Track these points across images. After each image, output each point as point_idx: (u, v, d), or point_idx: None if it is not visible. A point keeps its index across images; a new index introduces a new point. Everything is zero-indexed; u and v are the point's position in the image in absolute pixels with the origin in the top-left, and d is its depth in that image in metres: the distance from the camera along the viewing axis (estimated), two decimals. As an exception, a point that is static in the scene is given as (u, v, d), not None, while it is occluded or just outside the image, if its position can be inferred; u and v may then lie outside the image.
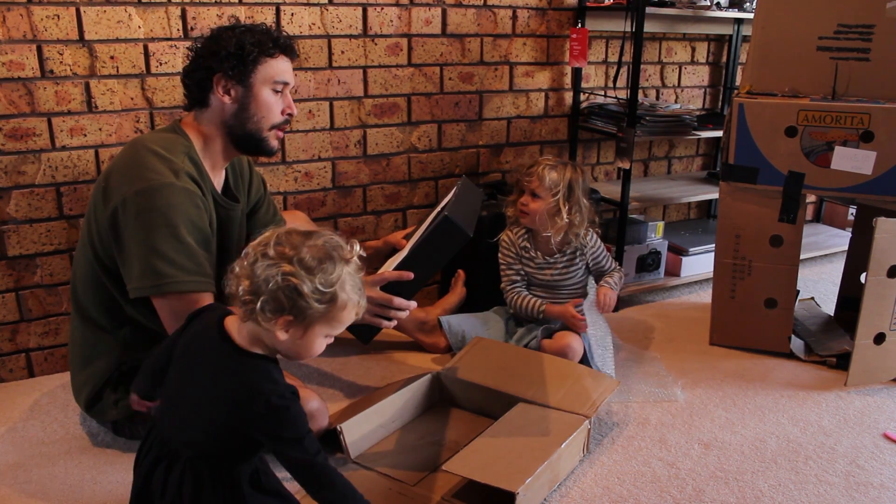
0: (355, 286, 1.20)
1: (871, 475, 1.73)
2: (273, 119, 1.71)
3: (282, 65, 1.70)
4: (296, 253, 1.15)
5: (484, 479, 1.50)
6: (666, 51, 3.04)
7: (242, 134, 1.71)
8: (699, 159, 3.34)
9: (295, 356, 1.23)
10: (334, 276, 1.16)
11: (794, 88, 2.22)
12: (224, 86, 1.66)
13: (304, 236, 1.18)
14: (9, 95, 1.94)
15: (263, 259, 1.15)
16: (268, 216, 2.00)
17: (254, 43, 1.65)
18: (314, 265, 1.15)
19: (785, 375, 2.21)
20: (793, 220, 2.22)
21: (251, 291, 1.15)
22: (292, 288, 1.14)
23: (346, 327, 1.24)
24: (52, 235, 2.08)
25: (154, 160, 1.59)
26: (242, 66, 1.65)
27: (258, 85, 1.67)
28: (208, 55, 1.66)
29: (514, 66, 2.68)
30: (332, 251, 1.18)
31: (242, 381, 1.19)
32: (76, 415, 1.93)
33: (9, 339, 2.10)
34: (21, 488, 1.64)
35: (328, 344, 1.25)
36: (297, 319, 1.16)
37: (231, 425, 1.19)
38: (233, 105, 1.68)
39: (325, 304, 1.16)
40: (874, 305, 2.07)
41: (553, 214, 2.12)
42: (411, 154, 2.57)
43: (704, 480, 1.70)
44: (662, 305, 2.75)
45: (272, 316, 1.15)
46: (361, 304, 1.23)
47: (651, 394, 2.08)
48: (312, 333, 1.20)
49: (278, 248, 1.16)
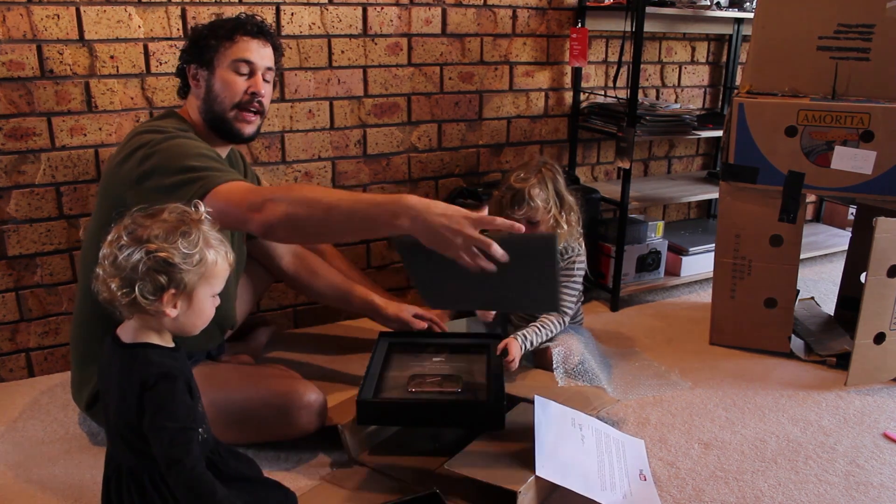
0: (216, 239, 1.24)
1: (871, 475, 1.73)
2: (234, 97, 1.74)
3: (242, 45, 1.74)
4: (149, 232, 1.18)
5: (485, 478, 1.50)
6: (666, 50, 3.04)
7: (212, 118, 1.76)
8: (699, 159, 3.34)
9: (192, 328, 1.25)
10: (195, 237, 1.20)
11: (794, 88, 2.22)
12: (194, 74, 1.76)
13: (149, 216, 1.21)
14: (9, 95, 1.94)
15: (122, 251, 1.17)
16: None
17: (217, 27, 1.74)
18: (172, 234, 1.18)
19: (785, 375, 2.21)
20: (793, 219, 2.22)
21: (125, 285, 1.17)
22: (162, 261, 1.17)
23: (224, 281, 1.27)
24: (52, 235, 2.08)
25: (149, 134, 1.65)
26: (205, 50, 1.73)
27: (220, 68, 1.74)
28: (186, 48, 1.78)
29: (514, 66, 2.68)
30: (182, 217, 1.22)
31: (125, 373, 1.20)
32: (76, 414, 1.93)
33: (9, 338, 2.10)
34: (21, 488, 1.64)
35: (215, 305, 1.27)
36: (180, 289, 1.19)
37: (133, 424, 1.19)
38: (201, 90, 1.75)
39: (198, 265, 1.20)
40: (874, 305, 2.07)
41: (553, 227, 2.04)
42: (411, 154, 2.57)
43: (704, 480, 1.70)
44: (662, 305, 2.75)
45: (155, 297, 1.18)
46: (229, 255, 1.26)
47: (651, 387, 2.09)
48: (198, 298, 1.22)
49: (131, 235, 1.18)
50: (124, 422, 1.21)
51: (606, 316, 2.64)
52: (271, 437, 1.75)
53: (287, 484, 1.44)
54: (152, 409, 1.17)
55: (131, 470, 1.23)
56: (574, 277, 2.08)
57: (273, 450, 1.76)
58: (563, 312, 2.07)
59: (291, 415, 1.71)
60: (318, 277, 2.13)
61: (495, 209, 2.04)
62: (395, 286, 2.65)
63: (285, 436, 1.75)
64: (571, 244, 2.07)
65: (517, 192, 1.99)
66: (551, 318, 2.05)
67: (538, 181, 2.01)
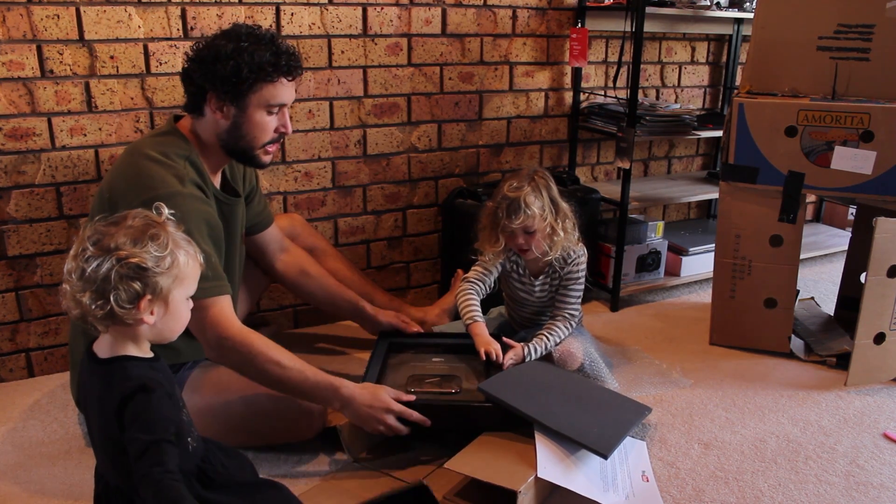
0: (184, 239, 1.22)
1: (871, 475, 1.73)
2: (265, 139, 1.71)
3: (280, 89, 1.66)
4: (115, 239, 1.14)
5: (486, 477, 1.50)
6: (666, 51, 3.04)
7: (234, 149, 1.71)
8: (699, 159, 3.34)
9: (170, 333, 1.22)
10: (164, 240, 1.17)
11: (794, 88, 2.22)
12: (218, 104, 1.64)
13: (111, 224, 1.18)
14: (9, 95, 1.94)
15: (89, 262, 1.13)
16: (259, 206, 2.00)
17: (252, 68, 1.60)
18: (140, 239, 1.15)
19: (785, 375, 2.21)
20: (793, 219, 2.22)
21: (98, 297, 1.13)
22: (134, 267, 1.13)
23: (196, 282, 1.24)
24: (52, 235, 2.08)
25: (155, 168, 1.58)
26: (237, 90, 1.62)
27: (252, 108, 1.65)
28: (205, 71, 1.61)
29: (514, 66, 2.68)
30: (146, 221, 1.19)
31: (105, 389, 1.17)
32: (76, 415, 1.93)
33: (9, 338, 2.10)
34: (21, 488, 1.64)
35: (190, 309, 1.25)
36: (155, 295, 1.16)
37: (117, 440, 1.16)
38: (225, 122, 1.66)
39: (170, 267, 1.17)
40: (874, 305, 2.07)
41: (549, 235, 1.97)
42: (411, 154, 2.57)
43: (704, 480, 1.70)
44: (662, 305, 2.75)
45: (131, 305, 1.14)
46: (198, 254, 1.23)
47: (652, 385, 2.09)
48: (174, 302, 1.19)
49: (96, 245, 1.14)
50: (108, 439, 1.18)
51: (606, 316, 2.64)
52: (271, 441, 1.76)
53: (287, 484, 1.43)
54: (128, 421, 1.13)
55: (118, 487, 1.22)
56: (579, 281, 2.06)
57: (273, 450, 1.76)
58: (572, 317, 2.04)
59: (291, 421, 1.72)
60: (309, 278, 2.11)
61: (489, 220, 1.99)
62: (395, 286, 2.65)
63: (285, 441, 1.75)
64: (572, 248, 2.03)
65: (512, 202, 1.92)
66: (558, 325, 2.01)
67: (532, 189, 1.95)
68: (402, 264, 2.67)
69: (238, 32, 1.63)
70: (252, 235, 2.02)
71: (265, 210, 2.03)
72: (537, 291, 2.08)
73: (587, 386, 1.92)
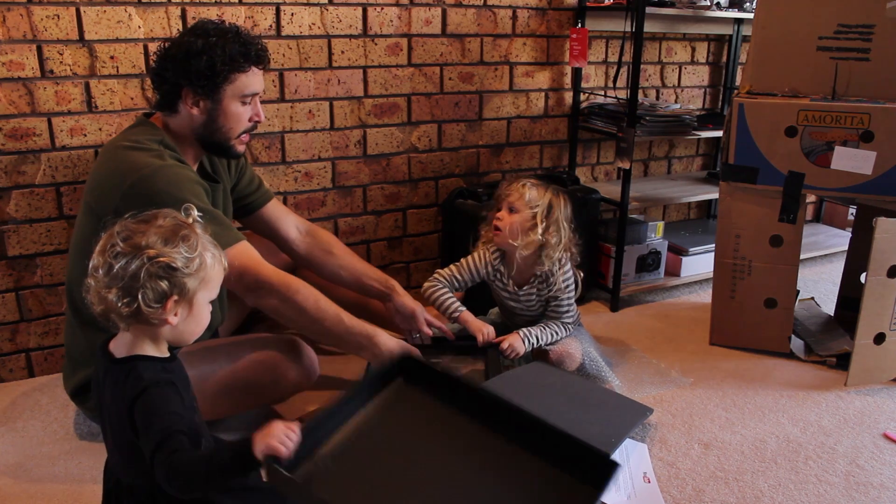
0: (210, 242, 1.21)
1: (871, 475, 1.73)
2: (240, 129, 1.74)
3: (252, 78, 1.71)
4: (146, 238, 1.13)
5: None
6: (666, 51, 3.04)
7: (210, 142, 1.74)
8: (699, 159, 3.34)
9: (190, 335, 1.22)
10: (193, 241, 1.17)
11: (794, 88, 2.22)
12: (194, 99, 1.67)
13: (142, 222, 1.17)
14: (9, 95, 1.94)
15: (118, 259, 1.12)
16: (252, 184, 1.99)
17: (224, 60, 1.64)
18: (171, 239, 1.15)
19: (785, 375, 2.21)
20: (793, 220, 2.22)
21: (125, 294, 1.12)
22: (164, 266, 1.12)
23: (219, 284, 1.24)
24: (52, 235, 2.08)
25: (132, 153, 1.61)
26: (213, 83, 1.65)
27: (227, 99, 1.69)
28: (178, 68, 1.64)
29: (514, 66, 2.68)
30: (176, 222, 1.18)
31: (118, 389, 1.16)
32: (76, 414, 1.93)
33: (9, 339, 2.10)
34: (21, 488, 1.64)
35: None
36: (182, 296, 1.16)
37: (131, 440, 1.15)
38: (201, 116, 1.69)
39: (198, 269, 1.16)
40: (874, 305, 2.07)
41: (528, 228, 1.99)
42: (411, 154, 2.57)
43: (704, 480, 1.70)
44: (662, 305, 2.75)
45: (158, 305, 1.13)
46: (223, 258, 1.23)
47: (652, 385, 2.09)
48: (197, 304, 1.19)
49: (127, 242, 1.13)
50: (121, 439, 1.18)
51: (606, 316, 2.64)
52: (264, 399, 1.76)
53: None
54: (139, 422, 1.12)
55: (131, 487, 1.22)
56: (569, 288, 2.09)
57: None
58: (566, 325, 2.10)
59: (280, 371, 1.72)
60: (333, 256, 2.05)
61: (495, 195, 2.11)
62: (395, 286, 2.65)
63: (280, 397, 1.75)
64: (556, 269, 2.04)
65: (515, 181, 2.06)
66: (553, 324, 2.08)
67: (543, 188, 2.04)
68: (403, 264, 2.67)
69: (205, 28, 1.67)
70: (254, 212, 2.00)
71: (260, 187, 2.02)
72: (522, 299, 2.11)
73: (588, 387, 1.92)
